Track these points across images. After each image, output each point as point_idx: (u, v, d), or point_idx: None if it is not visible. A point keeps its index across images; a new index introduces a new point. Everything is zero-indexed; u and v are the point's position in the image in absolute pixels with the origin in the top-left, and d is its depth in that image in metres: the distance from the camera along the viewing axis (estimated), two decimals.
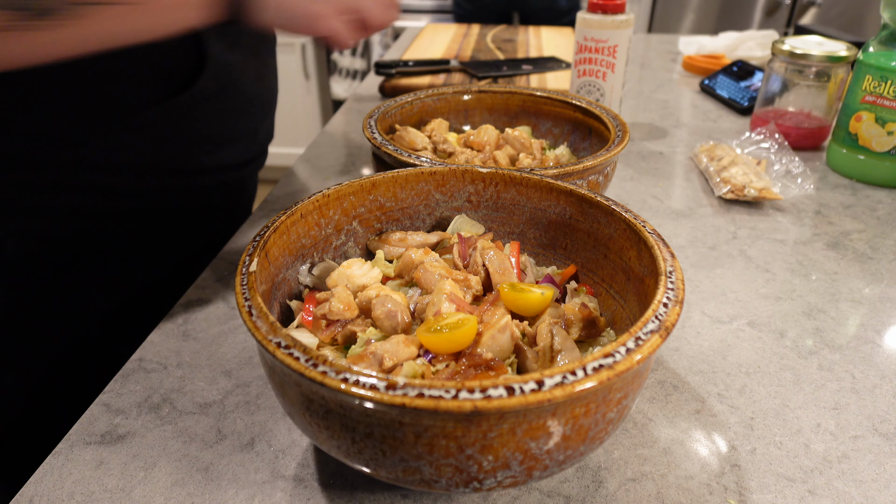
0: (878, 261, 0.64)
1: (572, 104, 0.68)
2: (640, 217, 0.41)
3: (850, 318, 0.55)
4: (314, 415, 0.31)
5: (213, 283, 0.59)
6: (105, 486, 0.39)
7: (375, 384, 0.27)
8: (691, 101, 1.12)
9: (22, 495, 0.38)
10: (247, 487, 0.39)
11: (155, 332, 0.53)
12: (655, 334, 0.30)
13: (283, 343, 0.29)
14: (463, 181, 0.49)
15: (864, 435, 0.43)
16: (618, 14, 0.82)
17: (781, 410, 0.45)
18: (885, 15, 0.74)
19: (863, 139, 0.79)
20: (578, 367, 0.28)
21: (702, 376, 0.48)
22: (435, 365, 0.36)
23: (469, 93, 0.72)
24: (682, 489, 0.39)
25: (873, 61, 0.75)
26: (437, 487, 0.31)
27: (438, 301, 0.39)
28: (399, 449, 0.29)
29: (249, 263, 0.36)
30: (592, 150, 0.66)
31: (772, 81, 0.91)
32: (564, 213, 0.47)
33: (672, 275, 0.35)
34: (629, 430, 0.43)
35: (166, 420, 0.44)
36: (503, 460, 0.29)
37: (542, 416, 0.28)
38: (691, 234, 0.68)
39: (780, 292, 0.59)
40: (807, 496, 0.39)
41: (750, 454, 0.42)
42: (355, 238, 0.48)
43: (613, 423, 0.32)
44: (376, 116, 0.63)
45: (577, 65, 0.88)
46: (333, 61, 2.91)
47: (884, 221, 0.71)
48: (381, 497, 0.39)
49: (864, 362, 0.50)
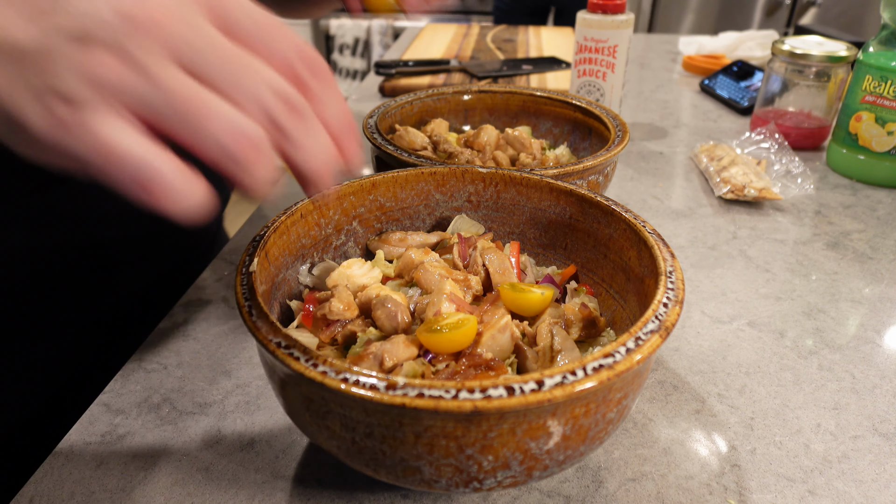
0: (878, 261, 0.64)
1: (572, 104, 0.68)
2: (640, 217, 0.41)
3: (850, 318, 0.55)
4: (314, 415, 0.31)
5: (213, 283, 0.59)
6: (105, 486, 0.39)
7: (375, 384, 0.27)
8: (691, 101, 1.12)
9: (22, 495, 0.38)
10: (247, 487, 0.39)
11: (155, 332, 0.53)
12: (655, 334, 0.30)
13: (283, 343, 0.29)
14: (463, 181, 0.49)
15: (864, 435, 0.43)
16: (618, 14, 0.82)
17: (781, 410, 0.45)
18: (885, 15, 0.74)
19: (863, 139, 0.78)
20: (578, 367, 0.28)
21: (702, 376, 0.48)
22: (435, 365, 0.36)
23: (469, 93, 0.72)
24: (682, 489, 0.39)
25: (873, 61, 0.75)
26: (437, 487, 0.31)
27: (438, 301, 0.39)
28: (399, 449, 0.29)
29: (249, 263, 0.36)
30: (592, 150, 0.66)
31: (772, 81, 0.91)
32: (564, 213, 0.47)
33: (672, 275, 0.35)
34: (629, 430, 0.43)
35: (166, 420, 0.44)
36: (503, 460, 0.29)
37: (542, 416, 0.28)
38: (691, 234, 0.68)
39: (780, 292, 0.59)
40: (807, 496, 0.39)
41: (750, 454, 0.42)
42: (355, 238, 0.48)
43: (613, 423, 0.32)
44: (376, 116, 0.63)
45: (577, 65, 0.88)
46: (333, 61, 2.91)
47: (884, 221, 0.71)
48: (381, 497, 0.39)
49: (864, 362, 0.50)
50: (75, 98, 0.21)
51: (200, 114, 0.22)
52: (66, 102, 0.21)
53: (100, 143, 0.21)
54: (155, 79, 0.22)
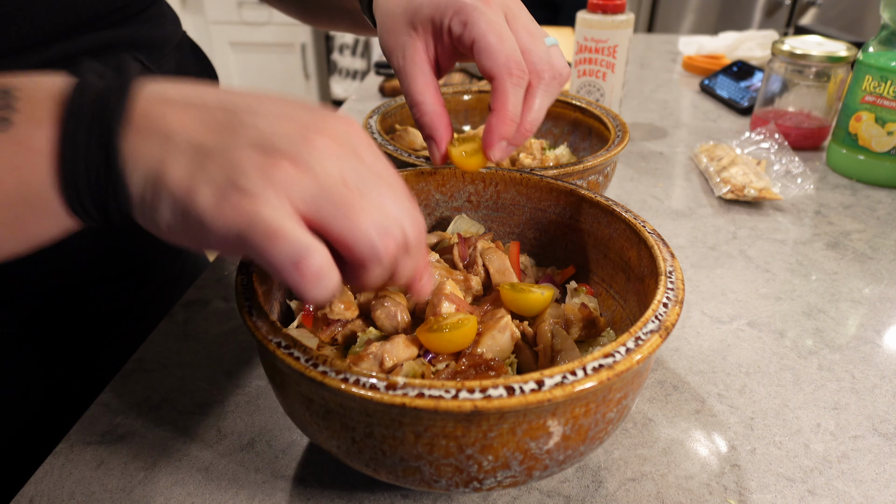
0: (878, 261, 0.64)
1: (572, 104, 0.68)
2: (640, 217, 0.41)
3: (850, 318, 0.55)
4: (314, 415, 0.31)
5: (213, 283, 0.59)
6: (105, 486, 0.39)
7: (375, 384, 0.27)
8: (691, 101, 1.12)
9: (22, 495, 0.39)
10: (247, 487, 0.39)
11: (155, 332, 0.53)
12: (655, 334, 0.30)
13: (283, 343, 0.29)
14: (463, 181, 0.49)
15: (864, 435, 0.43)
16: (618, 14, 0.82)
17: (781, 410, 0.45)
18: (885, 15, 0.74)
19: (863, 139, 0.78)
20: (578, 367, 0.28)
21: (702, 376, 0.48)
22: (435, 365, 0.36)
23: (469, 93, 0.72)
24: (682, 489, 0.39)
25: (873, 61, 0.75)
26: (437, 487, 0.31)
27: (438, 301, 0.39)
28: (399, 449, 0.29)
29: (250, 263, 0.36)
30: (592, 150, 0.66)
31: (772, 81, 0.91)
32: (564, 213, 0.47)
33: (672, 275, 0.35)
34: (629, 430, 0.43)
35: (166, 420, 0.44)
36: (503, 460, 0.29)
37: (542, 416, 0.28)
38: (691, 234, 0.68)
39: (780, 292, 0.59)
40: (807, 496, 0.39)
41: (750, 454, 0.42)
42: None
43: (613, 423, 0.32)
44: (376, 116, 0.63)
45: (577, 65, 0.88)
46: (333, 61, 2.91)
47: (884, 221, 0.71)
48: (381, 497, 0.39)
49: (864, 362, 0.50)
50: (251, 190, 0.25)
51: (355, 209, 0.26)
52: (242, 192, 0.25)
53: (267, 224, 0.24)
54: (321, 178, 0.26)
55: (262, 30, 2.83)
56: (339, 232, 0.26)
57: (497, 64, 0.38)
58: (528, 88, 0.40)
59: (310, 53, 2.86)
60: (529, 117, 0.40)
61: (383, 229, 0.27)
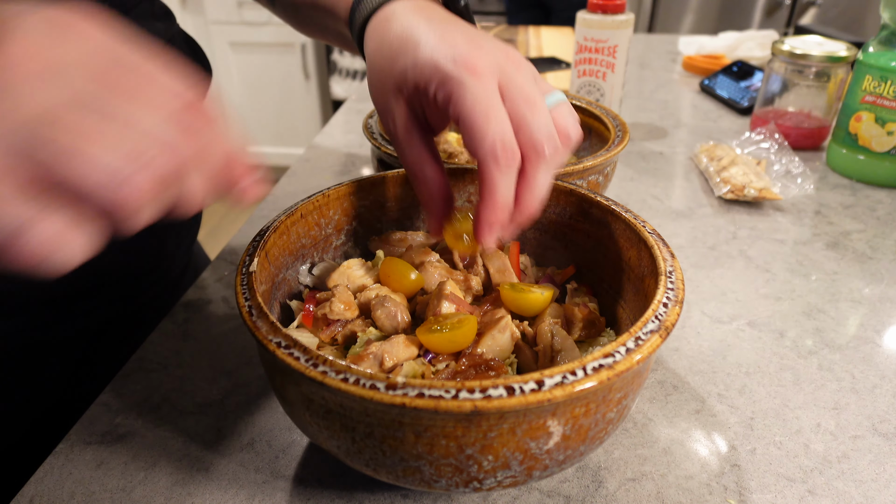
0: (878, 261, 0.64)
1: (572, 104, 0.68)
2: (640, 217, 0.41)
3: (850, 318, 0.55)
4: (314, 415, 0.31)
5: (213, 283, 0.59)
6: (105, 486, 0.39)
7: (375, 384, 0.27)
8: (691, 101, 1.12)
9: (22, 495, 0.39)
10: (247, 487, 0.39)
11: (155, 332, 0.53)
12: (655, 334, 0.30)
13: (283, 343, 0.29)
14: (463, 181, 0.49)
15: (864, 435, 0.43)
16: (618, 14, 0.82)
17: (781, 410, 0.45)
18: (884, 15, 0.74)
19: (863, 139, 0.78)
20: (578, 367, 0.28)
21: (702, 376, 0.48)
22: (435, 365, 0.36)
23: None
24: (681, 489, 0.39)
25: (873, 61, 0.75)
26: (437, 487, 0.31)
27: (438, 301, 0.39)
28: (399, 449, 0.29)
29: (249, 263, 0.36)
30: (592, 150, 0.66)
31: (772, 81, 0.91)
32: (564, 213, 0.47)
33: (672, 275, 0.35)
34: (629, 430, 0.43)
35: (166, 420, 0.44)
36: (503, 460, 0.29)
37: (542, 416, 0.28)
38: (691, 234, 0.68)
39: (780, 292, 0.59)
40: (807, 496, 0.39)
41: (750, 454, 0.42)
42: (355, 238, 0.48)
43: (613, 423, 0.32)
44: (376, 116, 0.63)
45: (577, 65, 0.88)
46: (333, 61, 2.91)
47: (884, 221, 0.71)
48: (381, 497, 0.39)
49: (864, 362, 0.50)
50: None
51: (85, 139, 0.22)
52: None
53: None
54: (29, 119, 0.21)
55: (262, 30, 2.83)
56: (64, 179, 0.21)
57: (481, 148, 0.33)
58: (523, 168, 0.34)
59: (310, 53, 2.86)
60: (528, 197, 0.35)
61: (134, 154, 0.22)
